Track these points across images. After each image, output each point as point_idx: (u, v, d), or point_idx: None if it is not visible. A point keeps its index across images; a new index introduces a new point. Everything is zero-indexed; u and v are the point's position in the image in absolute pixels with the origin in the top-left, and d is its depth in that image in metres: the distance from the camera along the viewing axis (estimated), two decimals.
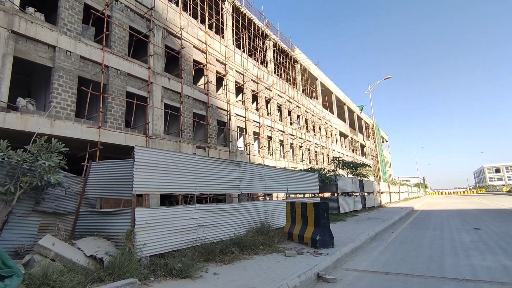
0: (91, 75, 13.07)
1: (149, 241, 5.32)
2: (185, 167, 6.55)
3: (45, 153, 4.66)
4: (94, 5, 13.59)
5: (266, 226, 8.50)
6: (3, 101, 10.30)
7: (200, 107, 18.64)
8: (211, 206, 7.23)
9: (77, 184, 6.13)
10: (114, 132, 13.29)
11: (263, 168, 10.00)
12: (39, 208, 5.25)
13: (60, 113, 11.74)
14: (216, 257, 6.07)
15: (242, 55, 23.63)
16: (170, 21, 17.33)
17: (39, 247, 4.20)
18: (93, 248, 4.74)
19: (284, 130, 28.00)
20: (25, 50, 11.18)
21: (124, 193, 5.97)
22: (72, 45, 12.44)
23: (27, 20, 11.22)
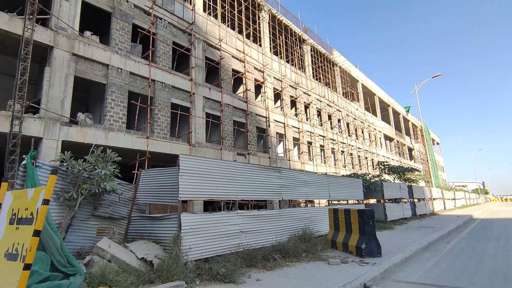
0: (139, 89, 14.05)
1: (194, 245, 5.53)
2: (226, 174, 6.72)
3: (102, 163, 5.12)
4: (141, 25, 14.67)
5: (308, 233, 8.35)
6: (66, 116, 11.51)
7: (240, 115, 19.02)
8: (253, 212, 7.31)
9: (129, 191, 6.61)
10: (160, 142, 14.10)
11: (303, 174, 9.87)
12: (97, 213, 5.76)
13: (113, 126, 12.78)
14: (259, 263, 6.10)
15: (280, 62, 23.75)
16: (210, 33, 18.07)
17: (98, 248, 4.60)
18: (144, 251, 5.06)
19: (325, 134, 27.41)
20: (83, 70, 12.41)
21: (171, 199, 6.30)
22: (123, 63, 13.53)
23: (85, 43, 12.47)
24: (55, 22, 11.75)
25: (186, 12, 16.94)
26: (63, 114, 11.43)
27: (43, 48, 11.44)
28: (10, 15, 10.80)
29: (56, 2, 11.96)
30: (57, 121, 11.20)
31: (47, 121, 10.97)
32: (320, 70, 29.65)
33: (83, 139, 11.74)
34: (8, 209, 2.70)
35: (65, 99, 11.61)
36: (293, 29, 25.86)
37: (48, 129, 10.95)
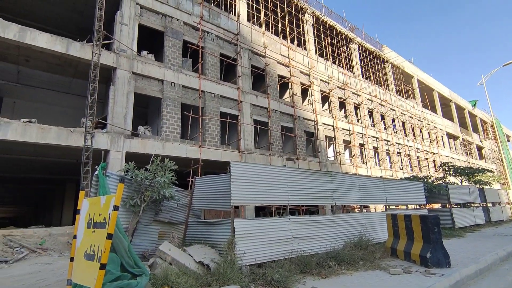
0: (191, 101, 14.86)
1: (248, 250, 5.61)
2: (277, 179, 6.73)
3: (161, 171, 5.52)
4: (190, 40, 15.58)
5: (364, 240, 7.94)
6: (128, 130, 12.65)
7: (287, 120, 18.98)
8: (305, 218, 7.19)
9: (185, 197, 6.99)
10: (212, 150, 14.69)
11: (357, 178, 9.45)
12: (158, 218, 6.19)
13: (169, 136, 13.67)
14: (313, 270, 5.95)
15: (326, 63, 23.24)
16: (254, 42, 18.44)
17: (160, 252, 4.93)
18: (201, 255, 5.28)
19: (378, 136, 25.94)
20: (142, 86, 13.55)
21: (223, 205, 6.50)
22: (175, 77, 14.47)
23: (142, 62, 13.63)
24: (117, 45, 13.06)
25: (231, 23, 17.55)
26: (126, 128, 12.57)
27: (107, 69, 12.77)
28: (81, 43, 12.28)
29: (117, 27, 13.31)
30: (121, 134, 12.36)
31: (113, 134, 12.17)
32: (370, 68, 28.29)
33: (143, 149, 12.76)
34: (85, 215, 3.06)
35: (127, 114, 12.77)
36: (339, 29, 25.16)
37: (114, 142, 12.13)
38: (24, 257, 8.79)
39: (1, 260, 8.22)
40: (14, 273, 6.74)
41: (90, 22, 13.79)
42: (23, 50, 11.83)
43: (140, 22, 14.04)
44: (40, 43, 11.31)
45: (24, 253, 8.98)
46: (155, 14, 14.64)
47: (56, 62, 12.89)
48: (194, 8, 16.03)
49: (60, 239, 10.59)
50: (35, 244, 9.80)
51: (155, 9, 14.56)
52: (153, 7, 14.49)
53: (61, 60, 12.64)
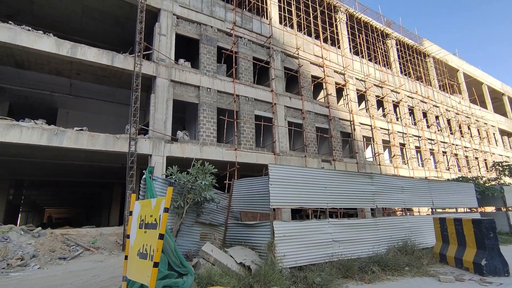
0: (226, 105, 15.19)
1: (288, 253, 5.60)
2: (315, 181, 6.65)
3: (201, 174, 5.72)
4: (224, 46, 15.96)
5: (409, 244, 7.54)
6: (168, 135, 13.25)
7: (322, 121, 18.65)
8: (345, 221, 7.01)
9: (224, 199, 7.16)
10: (247, 152, 14.87)
11: (399, 180, 9.01)
12: (199, 220, 6.42)
13: (206, 140, 14.08)
14: (355, 275, 5.78)
15: (361, 61, 22.51)
16: (287, 43, 18.41)
17: (203, 252, 5.10)
18: (241, 256, 5.38)
19: (420, 134, 24.52)
20: (179, 93, 14.13)
21: (262, 207, 6.55)
22: (211, 83, 14.89)
23: (180, 70, 14.22)
24: (156, 55, 13.77)
25: (263, 27, 17.70)
26: (166, 133, 13.18)
27: (148, 78, 13.51)
28: (124, 55, 13.13)
29: (156, 38, 14.03)
30: (162, 140, 12.97)
31: (154, 140, 12.82)
32: (409, 64, 26.87)
33: (182, 154, 13.28)
34: (137, 216, 3.27)
35: (167, 120, 13.39)
36: (374, 25, 24.27)
37: (156, 146, 12.77)
38: (79, 254, 9.55)
39: (60, 257, 9.02)
40: (72, 269, 7.36)
41: (131, 35, 14.70)
42: (75, 65, 12.92)
43: (176, 31, 14.67)
44: (89, 57, 12.28)
45: (79, 251, 9.76)
46: (191, 23, 15.22)
47: (103, 74, 13.91)
48: (227, 14, 16.41)
49: (109, 238, 11.36)
50: (88, 243, 10.62)
51: (191, 18, 15.13)
52: (189, 16, 15.08)
53: (107, 72, 13.62)
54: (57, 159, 13.85)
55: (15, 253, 8.39)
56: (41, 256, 8.77)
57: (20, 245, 8.99)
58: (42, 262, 8.30)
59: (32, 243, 9.28)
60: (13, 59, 12.44)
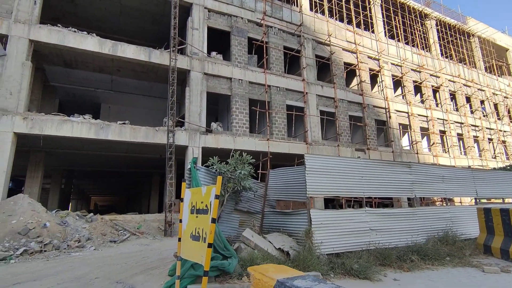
0: (258, 96, 15.36)
1: (325, 240, 5.75)
2: (351, 171, 6.66)
3: (240, 164, 5.99)
4: (254, 36, 16.01)
5: (450, 235, 7.33)
6: (203, 126, 13.74)
7: (355, 109, 18.21)
8: (382, 210, 6.97)
9: (260, 188, 7.41)
10: (279, 142, 15.01)
11: (439, 169, 8.70)
12: (238, 207, 6.74)
13: (239, 131, 14.41)
14: (393, 263, 5.80)
15: (397, 45, 21.47)
16: (318, 31, 18.04)
17: (243, 237, 5.40)
18: (280, 242, 5.61)
19: (463, 121, 23.07)
20: (212, 85, 14.51)
21: (298, 196, 6.71)
22: (242, 74, 15.10)
23: (212, 62, 14.56)
24: (190, 49, 14.20)
25: (293, 15, 17.47)
26: (201, 125, 13.68)
27: (182, 72, 14.00)
28: (160, 51, 13.70)
29: (189, 32, 14.44)
30: (197, 131, 13.50)
31: (190, 131, 13.37)
32: (451, 45, 25.14)
33: (216, 144, 13.74)
34: (188, 202, 3.58)
35: (202, 112, 13.86)
36: (412, 5, 22.89)
37: (191, 138, 13.33)
38: (127, 238, 10.39)
39: (111, 240, 9.88)
40: (123, 251, 8.08)
41: (166, 31, 15.22)
42: (116, 62, 13.73)
43: (208, 24, 14.98)
44: (128, 54, 12.98)
45: (126, 235, 10.62)
46: (221, 15, 15.43)
47: (141, 69, 14.64)
48: (257, 4, 16.39)
49: (152, 224, 12.19)
50: (133, 228, 11.48)
51: (221, 11, 15.33)
52: (220, 9, 15.29)
53: (144, 67, 14.33)
54: (102, 151, 14.94)
55: (73, 236, 9.33)
56: (95, 238, 9.67)
57: (76, 228, 9.96)
58: (96, 244, 9.16)
59: (86, 227, 10.24)
60: (62, 59, 13.49)
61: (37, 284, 4.75)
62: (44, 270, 5.77)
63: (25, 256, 7.30)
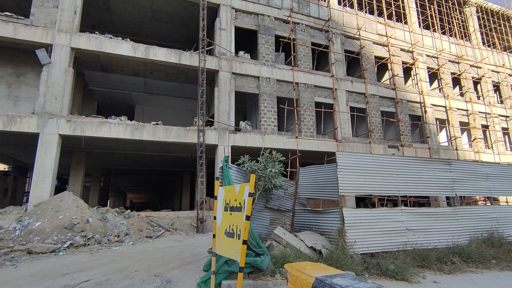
0: (286, 94, 15.28)
1: (358, 239, 5.61)
2: (385, 168, 6.44)
3: (270, 162, 6.01)
4: (281, 34, 15.93)
5: (497, 236, 6.85)
6: (232, 125, 13.93)
7: (388, 104, 17.53)
8: (419, 210, 6.67)
9: (291, 186, 7.39)
10: (308, 140, 14.84)
11: (483, 166, 8.15)
12: (268, 205, 6.77)
13: (267, 129, 14.43)
14: (433, 265, 5.54)
15: (433, 35, 20.32)
16: (347, 25, 17.56)
17: (275, 235, 5.43)
18: (312, 241, 5.57)
19: (508, 114, 21.38)
20: (240, 84, 14.65)
21: (329, 194, 6.61)
22: (270, 72, 15.08)
23: (240, 62, 14.69)
24: (218, 50, 14.43)
25: (321, 10, 17.15)
26: (230, 124, 13.87)
27: (211, 72, 14.27)
28: (190, 53, 14.06)
29: (217, 33, 14.68)
30: (226, 130, 13.70)
31: (220, 131, 13.61)
32: (494, 33, 23.34)
33: (245, 143, 13.87)
34: (222, 200, 3.67)
35: (230, 112, 14.05)
36: None
37: (221, 137, 13.56)
38: (162, 234, 10.83)
39: (147, 236, 10.35)
40: (159, 246, 8.44)
41: (195, 33, 15.62)
42: (148, 65, 14.29)
43: (235, 24, 15.12)
44: (160, 57, 13.45)
45: (161, 231, 11.06)
46: (248, 14, 15.51)
47: (172, 71, 15.12)
48: (284, 1, 16.28)
49: (185, 221, 12.59)
50: (167, 224, 11.92)
51: (248, 10, 15.41)
52: (246, 8, 15.37)
53: (175, 69, 14.78)
54: (137, 150, 15.64)
55: (112, 231, 9.89)
56: (132, 234, 10.18)
57: (115, 224, 10.53)
58: (134, 239, 9.64)
59: (124, 223, 10.81)
60: (99, 64, 14.29)
61: (84, 275, 5.10)
62: (89, 262, 6.19)
63: (71, 249, 7.86)
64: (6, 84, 12.43)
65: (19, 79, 12.59)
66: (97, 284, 4.59)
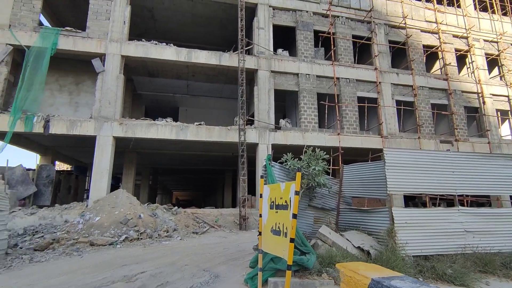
0: (326, 89, 14.91)
1: (410, 241, 5.29)
2: (439, 165, 5.98)
3: (314, 160, 5.92)
4: (320, 29, 15.55)
5: None
6: (272, 124, 13.96)
7: (439, 96, 16.27)
8: (481, 210, 6.10)
9: (335, 184, 7.21)
10: (351, 137, 14.34)
11: None
12: (312, 204, 6.68)
13: (308, 126, 14.22)
14: (497, 271, 5.05)
15: (492, 18, 18.40)
16: (391, 14, 16.62)
17: (320, 234, 5.34)
18: (359, 241, 5.38)
19: None
20: (279, 82, 14.61)
21: (376, 193, 6.33)
22: (309, 68, 14.83)
23: (278, 60, 14.64)
24: (256, 49, 14.53)
25: (362, 1, 16.44)
26: (270, 122, 13.91)
27: (250, 72, 14.42)
28: (229, 54, 14.34)
29: (255, 32, 14.79)
30: (266, 129, 13.77)
31: (260, 129, 13.71)
32: None
33: (285, 141, 13.81)
34: (267, 198, 3.70)
35: (270, 110, 14.08)
36: None
37: (261, 135, 13.66)
38: (207, 230, 11.23)
39: (193, 232, 10.81)
40: (205, 242, 8.76)
41: (233, 34, 15.89)
42: (190, 68, 14.87)
43: (273, 22, 15.10)
44: (201, 60, 13.92)
45: (206, 227, 11.47)
46: (286, 11, 15.38)
47: (212, 73, 15.56)
48: None
49: (228, 218, 12.91)
50: (212, 221, 12.32)
51: (286, 7, 15.29)
52: (284, 5, 15.27)
53: (215, 70, 15.18)
54: (182, 150, 16.37)
55: (162, 226, 10.48)
56: (180, 229, 10.69)
57: (164, 220, 11.15)
58: (181, 235, 10.12)
59: (172, 219, 11.40)
60: (146, 70, 15.19)
61: (140, 267, 5.48)
62: (143, 255, 6.64)
63: (126, 242, 8.49)
64: (68, 92, 13.75)
65: (78, 87, 13.85)
66: (152, 276, 4.91)
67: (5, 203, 6.57)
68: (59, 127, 11.71)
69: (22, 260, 6.31)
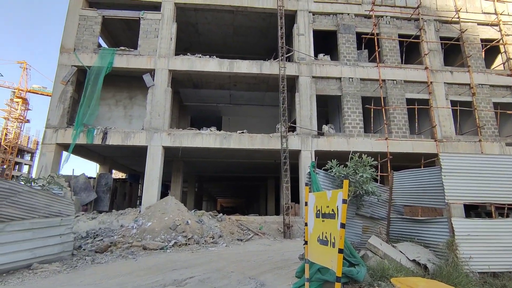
0: (371, 93, 14.29)
1: (475, 255, 4.78)
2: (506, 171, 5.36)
3: (361, 167, 5.67)
4: (363, 30, 15.03)
5: None
6: (314, 130, 13.71)
7: (503, 94, 14.67)
8: None
9: (384, 192, 6.81)
10: (400, 141, 13.50)
11: None
12: (360, 212, 6.37)
13: (352, 132, 13.71)
14: None
15: None
16: (441, 8, 15.51)
17: (370, 245, 5.06)
18: (414, 253, 4.99)
19: None
20: (321, 87, 14.35)
21: (431, 202, 5.85)
22: (352, 72, 14.36)
23: (320, 65, 14.42)
24: (297, 55, 14.48)
25: None
26: (312, 128, 13.68)
27: (291, 79, 14.39)
28: (270, 62, 14.48)
29: (295, 39, 14.77)
30: (309, 135, 13.56)
31: (302, 136, 13.55)
32: None
33: (329, 147, 13.45)
34: (313, 206, 3.62)
35: (312, 116, 13.87)
36: None
37: (303, 142, 13.48)
38: (251, 237, 11.29)
39: (238, 239, 10.94)
40: (249, 249, 8.81)
41: (273, 42, 16.05)
42: (232, 78, 15.29)
43: (313, 28, 14.96)
44: (242, 70, 14.24)
45: (250, 235, 11.54)
46: (326, 16, 15.16)
47: (253, 82, 15.83)
48: None
49: (272, 226, 12.85)
50: (255, 229, 12.37)
51: (326, 11, 15.08)
52: (324, 9, 15.07)
53: (256, 79, 15.42)
54: (225, 158, 16.78)
55: (208, 232, 10.77)
56: (225, 236, 10.89)
57: (210, 226, 11.45)
58: (226, 241, 10.29)
59: (217, 226, 11.66)
60: (191, 82, 15.97)
61: (189, 272, 5.68)
62: (191, 260, 6.87)
63: (175, 247, 8.86)
64: (123, 106, 14.96)
65: (132, 101, 15.00)
66: (200, 281, 5.05)
67: (71, 209, 7.29)
68: (115, 139, 12.74)
69: (85, 261, 6.91)
